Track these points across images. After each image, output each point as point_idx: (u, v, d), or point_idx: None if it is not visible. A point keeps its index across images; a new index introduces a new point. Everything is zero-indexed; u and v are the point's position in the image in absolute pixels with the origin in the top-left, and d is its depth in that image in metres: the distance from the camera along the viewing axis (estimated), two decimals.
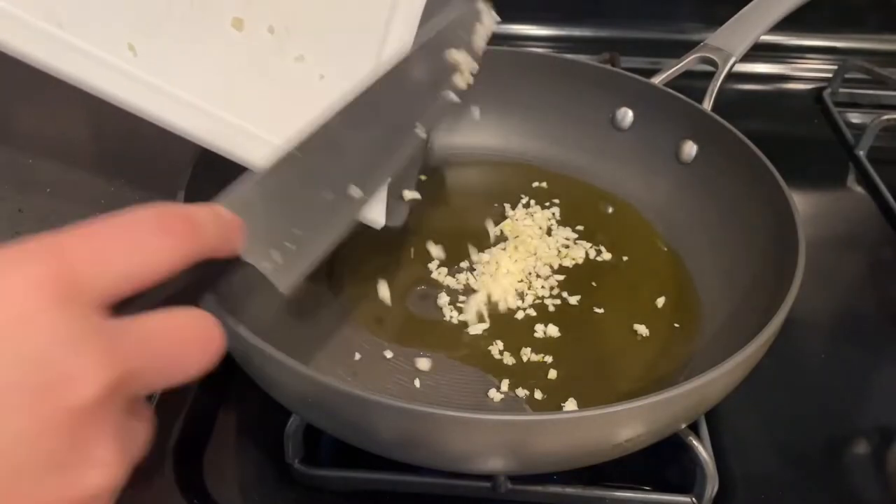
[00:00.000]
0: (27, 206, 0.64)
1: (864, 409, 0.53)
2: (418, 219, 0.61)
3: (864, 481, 0.48)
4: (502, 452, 0.39)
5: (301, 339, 0.51)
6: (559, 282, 0.56)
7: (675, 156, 0.62)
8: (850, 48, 0.87)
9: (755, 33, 0.65)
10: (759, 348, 0.41)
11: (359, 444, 0.42)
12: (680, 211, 0.61)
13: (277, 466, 0.47)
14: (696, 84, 0.63)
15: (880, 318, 0.60)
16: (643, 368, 0.50)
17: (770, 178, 0.53)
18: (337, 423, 0.42)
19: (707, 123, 0.60)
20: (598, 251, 0.59)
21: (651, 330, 0.53)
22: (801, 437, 0.51)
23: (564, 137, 0.67)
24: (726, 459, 0.48)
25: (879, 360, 0.57)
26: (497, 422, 0.37)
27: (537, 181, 0.66)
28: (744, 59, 0.67)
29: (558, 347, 0.51)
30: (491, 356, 0.51)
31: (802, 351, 0.56)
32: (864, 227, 0.68)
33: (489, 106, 0.68)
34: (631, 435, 0.39)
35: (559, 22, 0.90)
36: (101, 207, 0.64)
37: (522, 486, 0.45)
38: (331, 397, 0.38)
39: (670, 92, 0.63)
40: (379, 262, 0.57)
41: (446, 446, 0.39)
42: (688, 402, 0.40)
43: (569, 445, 0.39)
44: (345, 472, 0.46)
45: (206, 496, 0.45)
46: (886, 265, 0.64)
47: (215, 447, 0.48)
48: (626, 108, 0.65)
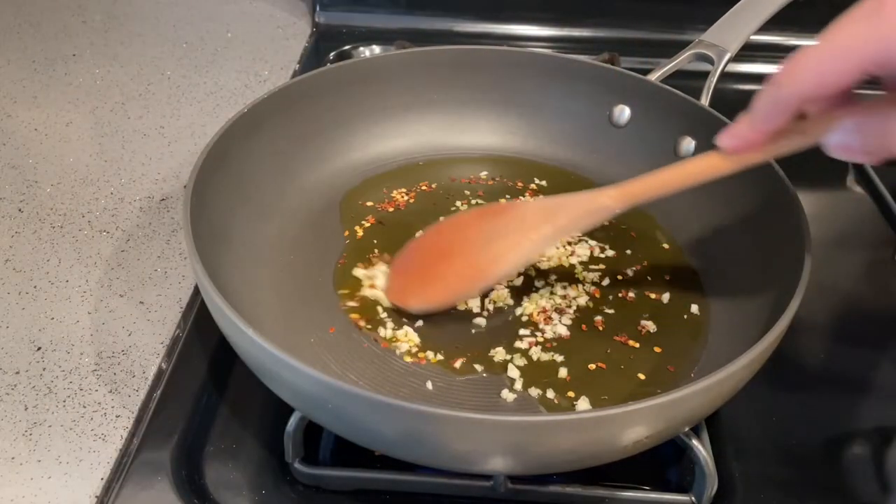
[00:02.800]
0: (27, 206, 0.64)
1: (864, 409, 0.53)
2: (419, 219, 0.61)
3: (864, 481, 0.48)
4: (512, 453, 0.39)
5: (311, 343, 0.51)
6: (567, 281, 0.57)
7: (673, 152, 0.62)
8: None
9: (750, 28, 0.65)
10: (768, 346, 0.41)
11: (369, 445, 0.43)
12: (681, 207, 0.61)
13: (277, 466, 0.47)
14: (693, 83, 0.63)
15: (880, 318, 0.60)
16: (651, 368, 0.50)
17: (771, 174, 0.53)
18: (352, 427, 0.42)
19: (705, 119, 0.60)
20: (602, 248, 0.59)
21: (658, 326, 0.53)
22: (801, 436, 0.50)
23: (563, 135, 0.67)
24: (726, 459, 0.48)
25: (879, 360, 0.57)
26: (510, 423, 0.37)
27: (537, 179, 0.66)
28: (742, 59, 0.67)
29: (568, 346, 0.52)
30: (502, 356, 0.51)
31: (802, 351, 0.56)
32: (863, 227, 0.68)
33: (488, 105, 0.68)
34: (641, 435, 0.39)
35: (559, 22, 0.90)
36: (100, 207, 0.64)
37: (522, 485, 0.46)
38: (356, 403, 0.38)
39: (666, 88, 0.63)
40: (384, 261, 0.57)
41: (461, 447, 0.39)
42: (699, 401, 0.40)
43: (579, 446, 0.39)
44: (345, 472, 0.46)
45: (206, 496, 0.46)
46: (886, 265, 0.64)
47: (215, 447, 0.48)
48: (623, 105, 0.65)
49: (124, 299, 0.56)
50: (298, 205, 0.60)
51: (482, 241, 0.53)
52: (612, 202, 0.49)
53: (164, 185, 0.67)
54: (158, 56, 0.85)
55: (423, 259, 0.55)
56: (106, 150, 0.71)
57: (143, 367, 0.52)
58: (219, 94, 0.79)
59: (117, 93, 0.78)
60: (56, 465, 0.46)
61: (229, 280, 0.49)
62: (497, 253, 0.52)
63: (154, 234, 0.62)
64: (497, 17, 0.90)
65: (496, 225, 0.53)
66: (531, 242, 0.51)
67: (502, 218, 0.53)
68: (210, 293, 0.42)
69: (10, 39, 0.86)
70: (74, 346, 0.53)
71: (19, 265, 0.59)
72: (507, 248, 0.51)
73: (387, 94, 0.66)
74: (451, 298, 0.53)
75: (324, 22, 0.91)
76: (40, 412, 0.49)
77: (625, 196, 0.49)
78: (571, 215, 0.50)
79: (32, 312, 0.55)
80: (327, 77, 0.63)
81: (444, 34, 0.89)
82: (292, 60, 0.86)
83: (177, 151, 0.71)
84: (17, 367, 0.51)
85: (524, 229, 0.51)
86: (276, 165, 0.60)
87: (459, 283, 0.53)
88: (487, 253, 0.52)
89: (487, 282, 0.53)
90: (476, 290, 0.53)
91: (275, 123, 0.60)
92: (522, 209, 0.53)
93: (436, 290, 0.53)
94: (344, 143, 0.65)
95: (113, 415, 0.49)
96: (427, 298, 0.53)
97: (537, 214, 0.52)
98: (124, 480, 0.46)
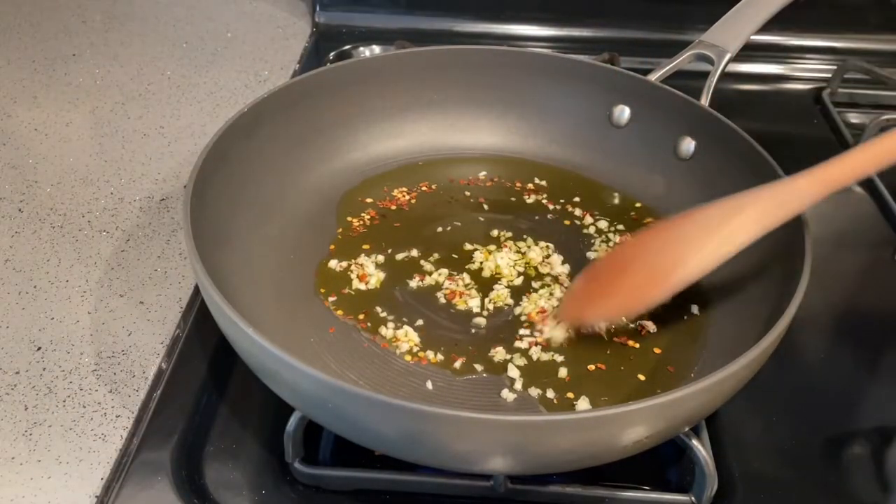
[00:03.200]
0: (27, 206, 0.64)
1: (864, 409, 0.53)
2: (419, 218, 0.61)
3: (864, 481, 0.48)
4: (512, 453, 0.39)
5: (311, 343, 0.51)
6: (565, 280, 0.57)
7: (673, 152, 0.62)
8: (850, 48, 0.87)
9: (750, 28, 0.65)
10: (768, 346, 0.41)
11: (369, 445, 0.43)
12: (680, 207, 0.60)
13: (277, 466, 0.47)
14: (693, 83, 0.63)
15: (880, 318, 0.60)
16: (651, 368, 0.50)
17: (771, 173, 0.53)
18: (352, 427, 0.42)
19: (704, 119, 0.60)
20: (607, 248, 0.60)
21: (658, 326, 0.53)
22: (801, 436, 0.50)
23: (563, 135, 0.67)
24: (726, 459, 0.48)
25: (879, 360, 0.57)
26: (510, 423, 0.37)
27: (537, 179, 0.66)
28: (743, 59, 0.67)
29: (568, 347, 0.52)
30: (502, 356, 0.51)
31: (802, 351, 0.56)
32: (863, 227, 0.68)
33: (488, 105, 0.68)
34: (641, 435, 0.39)
35: (559, 22, 0.90)
36: (100, 207, 0.64)
37: (522, 485, 0.46)
38: (356, 403, 0.38)
39: (666, 88, 0.63)
40: (385, 260, 0.57)
41: (461, 447, 0.39)
42: (699, 401, 0.40)
43: (579, 446, 0.39)
44: (345, 472, 0.46)
45: (206, 496, 0.46)
46: (886, 265, 0.64)
47: (215, 447, 0.48)
48: (623, 106, 0.65)
49: (124, 299, 0.56)
50: (298, 204, 0.60)
51: (665, 249, 0.50)
52: (810, 188, 0.46)
53: (164, 185, 0.67)
54: (158, 56, 0.85)
55: (604, 276, 0.52)
56: (106, 150, 0.71)
57: (143, 367, 0.52)
58: (219, 94, 0.79)
59: (117, 93, 0.78)
60: (56, 465, 0.46)
61: (229, 280, 0.49)
62: (680, 256, 0.49)
63: (154, 234, 0.62)
64: (497, 17, 0.90)
65: (679, 231, 0.50)
66: (716, 242, 0.48)
67: (686, 223, 0.50)
68: (210, 293, 0.42)
69: (10, 39, 0.86)
70: (74, 346, 0.53)
71: (19, 265, 0.59)
72: (690, 251, 0.48)
73: (387, 94, 0.66)
74: (636, 306, 0.51)
75: (324, 22, 0.92)
76: (40, 412, 0.49)
77: (824, 181, 0.45)
78: (761, 208, 0.47)
79: (32, 312, 0.55)
80: (327, 77, 0.63)
81: (444, 34, 0.89)
82: (292, 60, 0.86)
83: (177, 151, 0.71)
84: (17, 367, 0.51)
85: (709, 228, 0.48)
86: (276, 165, 0.60)
87: (646, 288, 0.50)
88: (670, 258, 0.49)
89: (673, 286, 0.49)
90: (660, 296, 0.50)
91: (275, 123, 0.60)
92: (707, 210, 0.50)
93: (619, 300, 0.51)
94: (344, 143, 0.65)
95: (113, 415, 0.49)
96: (610, 310, 0.51)
97: (723, 212, 0.49)
98: (124, 480, 0.46)
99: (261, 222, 0.57)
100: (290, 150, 0.61)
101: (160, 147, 0.72)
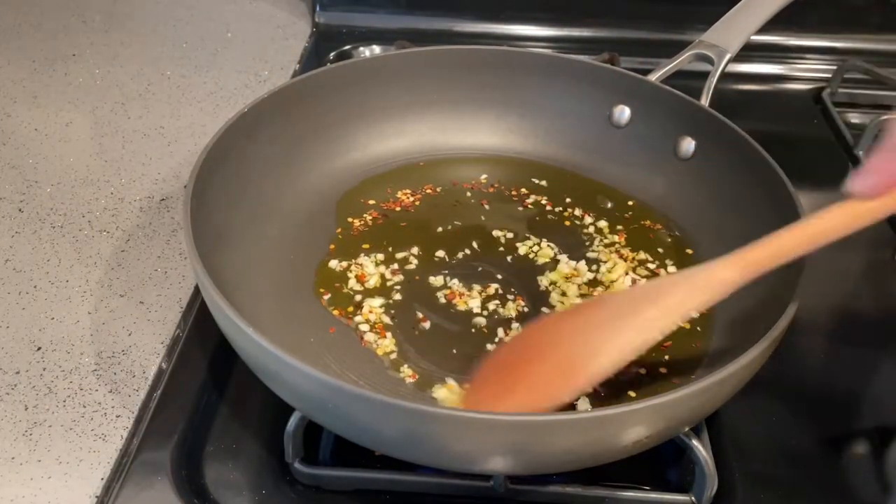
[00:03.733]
0: (27, 206, 0.64)
1: (864, 409, 0.53)
2: (420, 219, 0.61)
3: (864, 481, 0.48)
4: (512, 453, 0.39)
5: (311, 343, 0.51)
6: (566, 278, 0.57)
7: (673, 152, 0.62)
8: (850, 48, 0.87)
9: (750, 28, 0.65)
10: (768, 346, 0.41)
11: (369, 445, 0.42)
12: (680, 207, 0.61)
13: (277, 466, 0.47)
14: (693, 83, 0.63)
15: (880, 318, 0.60)
16: (651, 367, 0.50)
17: (771, 172, 0.53)
18: (352, 427, 0.42)
19: (704, 119, 0.60)
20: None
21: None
22: (801, 436, 0.50)
23: (563, 135, 0.67)
24: (726, 459, 0.48)
25: (879, 360, 0.57)
26: (510, 423, 0.37)
27: (536, 179, 0.66)
28: (743, 60, 0.67)
29: None
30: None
31: (802, 351, 0.56)
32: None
33: (488, 105, 0.68)
34: (641, 435, 0.39)
35: (559, 22, 0.90)
36: (100, 207, 0.64)
37: (522, 485, 0.46)
38: (356, 403, 0.38)
39: (666, 88, 0.63)
40: (385, 259, 0.57)
41: (461, 447, 0.39)
42: (699, 401, 0.40)
43: (579, 446, 0.39)
44: (345, 472, 0.46)
45: (206, 496, 0.46)
46: (886, 265, 0.64)
47: (215, 447, 0.48)
48: (623, 106, 0.65)
49: (124, 299, 0.56)
50: (298, 204, 0.60)
51: (578, 336, 0.46)
52: (732, 274, 0.44)
53: (164, 185, 0.67)
54: (158, 56, 0.85)
55: (512, 363, 0.47)
56: (106, 150, 0.71)
57: (143, 367, 0.52)
58: (219, 94, 0.79)
59: (117, 93, 0.78)
60: (56, 465, 0.46)
61: (229, 280, 0.49)
62: (595, 346, 0.44)
63: (154, 234, 0.62)
64: (497, 17, 0.90)
65: (594, 316, 0.47)
66: (633, 330, 0.44)
67: (601, 308, 0.47)
68: (210, 293, 0.42)
69: (10, 39, 0.86)
70: (74, 346, 0.53)
71: (19, 265, 0.59)
72: (606, 339, 0.44)
73: (387, 94, 0.66)
74: (547, 403, 0.44)
75: (324, 22, 0.92)
76: (40, 412, 0.49)
77: (747, 265, 0.43)
78: (681, 294, 0.44)
79: (32, 312, 0.55)
80: (327, 77, 0.63)
81: (444, 34, 0.89)
82: (292, 60, 0.86)
83: (177, 151, 0.71)
84: (17, 367, 0.51)
85: (624, 315, 0.45)
86: (275, 165, 0.60)
87: (554, 384, 0.44)
88: (585, 347, 0.45)
89: (587, 380, 0.44)
90: (574, 392, 0.45)
91: (275, 123, 0.60)
92: (623, 295, 0.48)
93: (527, 395, 0.45)
94: (344, 143, 0.65)
95: (113, 415, 0.49)
96: (518, 404, 0.45)
97: (640, 298, 0.46)
98: (124, 480, 0.46)
99: (261, 222, 0.57)
100: (290, 150, 0.61)
101: (160, 147, 0.72)
